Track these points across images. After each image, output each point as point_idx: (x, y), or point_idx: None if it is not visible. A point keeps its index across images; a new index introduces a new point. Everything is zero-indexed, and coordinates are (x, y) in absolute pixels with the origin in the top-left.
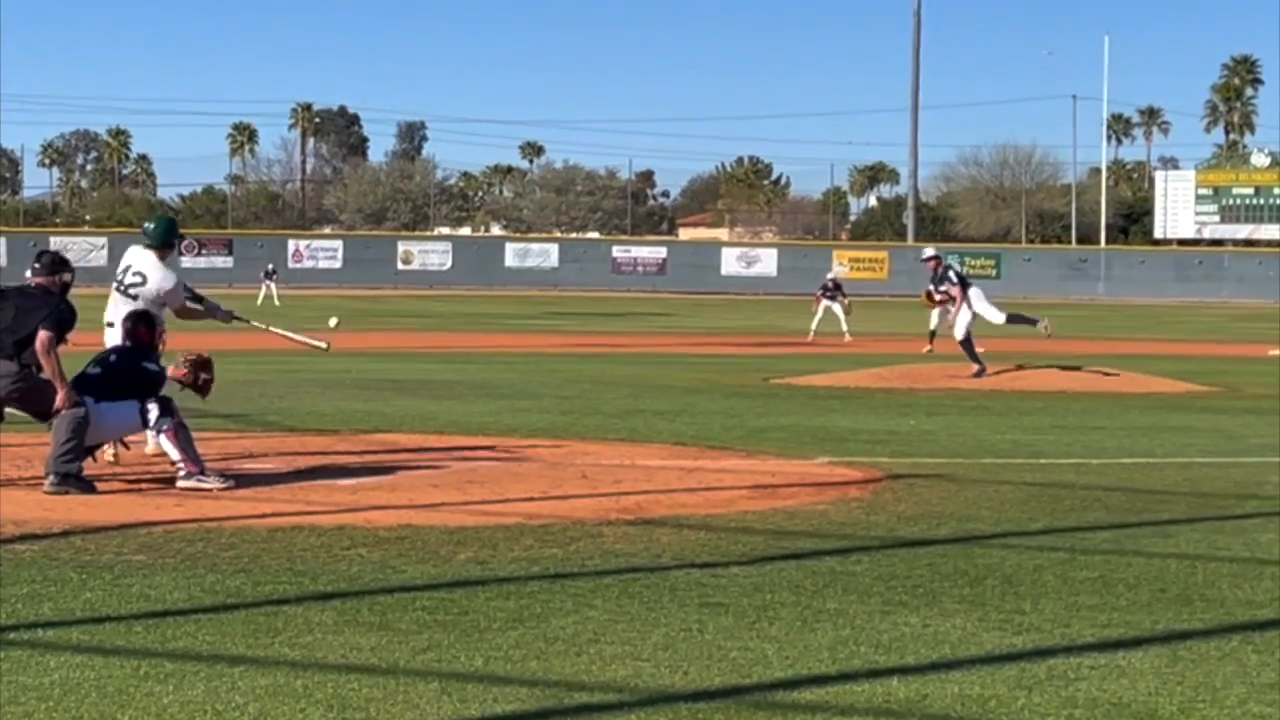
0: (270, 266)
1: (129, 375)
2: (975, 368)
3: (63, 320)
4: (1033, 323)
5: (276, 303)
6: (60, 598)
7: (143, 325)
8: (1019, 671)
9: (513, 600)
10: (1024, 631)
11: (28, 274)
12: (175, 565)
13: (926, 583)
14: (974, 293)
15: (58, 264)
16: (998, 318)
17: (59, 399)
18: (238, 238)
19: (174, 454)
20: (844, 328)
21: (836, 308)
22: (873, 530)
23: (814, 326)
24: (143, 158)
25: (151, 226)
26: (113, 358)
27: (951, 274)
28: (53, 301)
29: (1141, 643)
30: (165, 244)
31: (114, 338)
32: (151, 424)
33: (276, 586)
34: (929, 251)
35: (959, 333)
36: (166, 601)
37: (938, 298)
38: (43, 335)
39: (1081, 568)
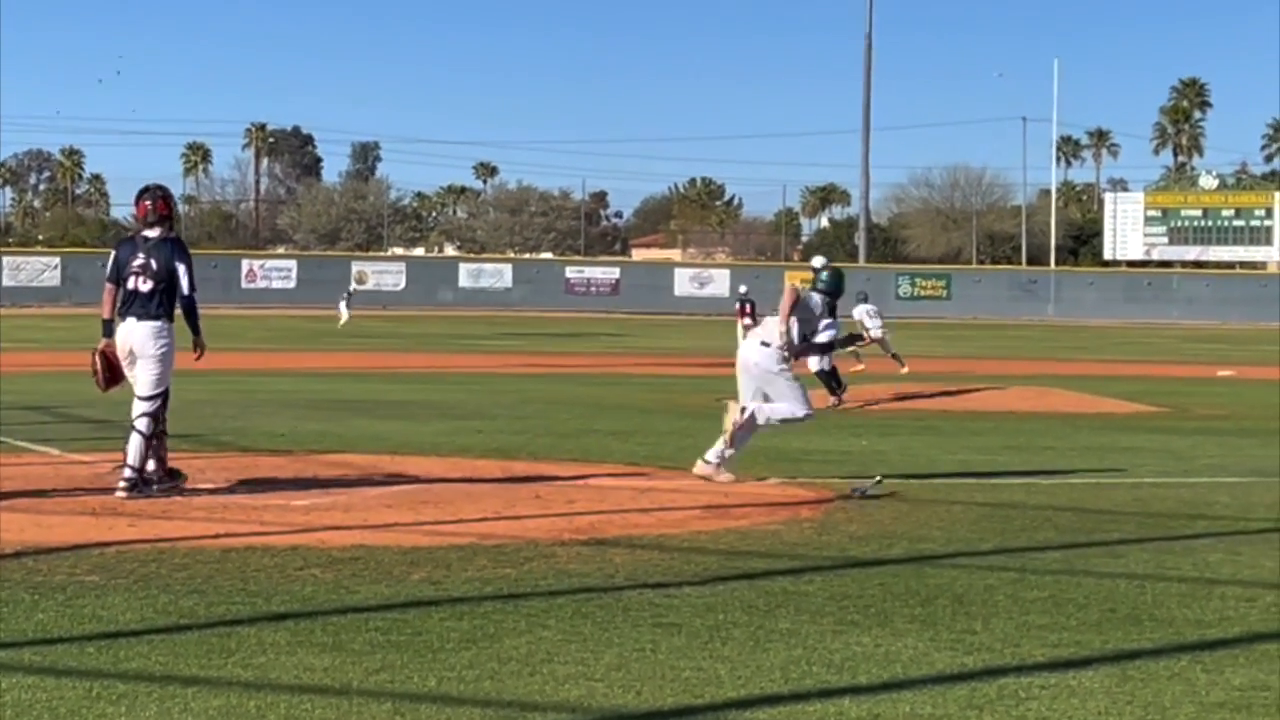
0: (351, 288)
1: None
2: (832, 400)
3: None
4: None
5: (339, 324)
6: (12, 619)
7: None
8: (970, 691)
9: (466, 621)
10: (975, 651)
11: None
12: (128, 586)
13: (878, 602)
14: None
15: None
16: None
17: None
18: (192, 257)
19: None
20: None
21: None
22: (825, 550)
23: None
24: (96, 177)
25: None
26: None
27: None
28: None
29: (1091, 662)
30: None
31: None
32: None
33: (230, 607)
34: (821, 261)
35: (815, 363)
36: (119, 622)
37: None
38: None
39: (1032, 587)
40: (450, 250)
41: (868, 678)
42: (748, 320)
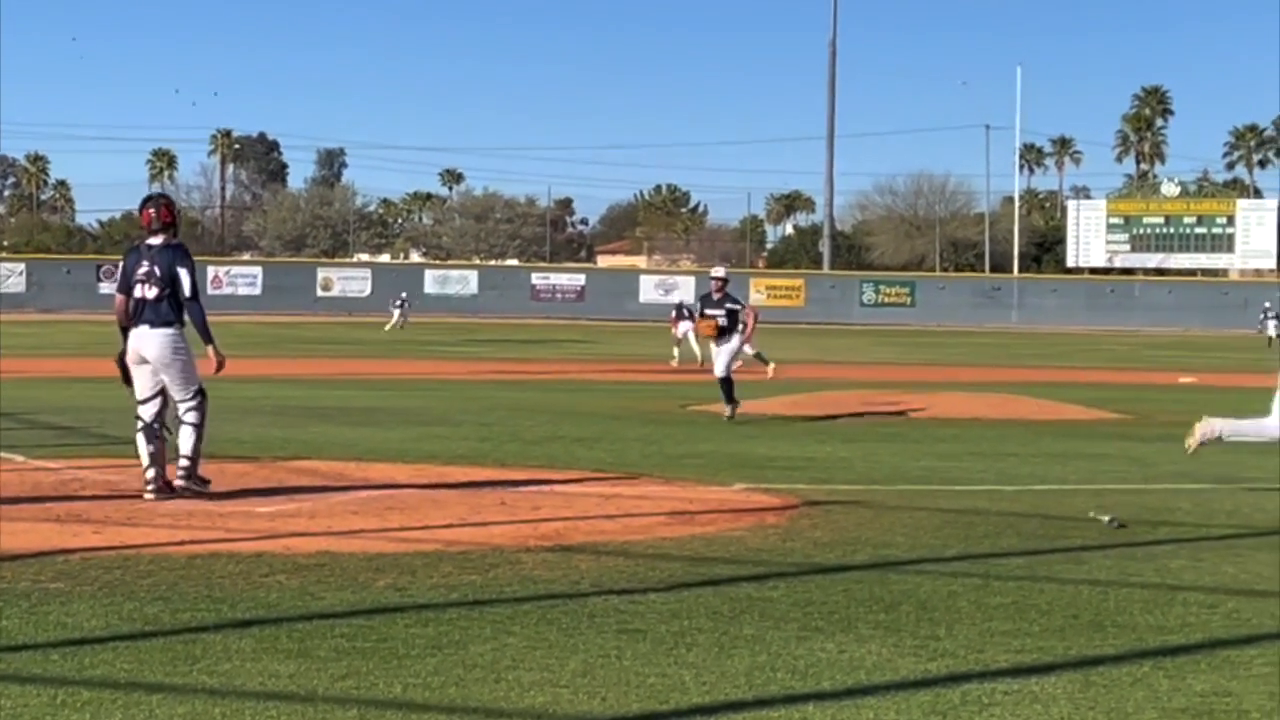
0: (404, 294)
1: None
2: (728, 410)
3: None
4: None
5: (386, 327)
6: None
7: None
8: (934, 697)
9: (431, 627)
10: (939, 657)
11: None
12: (93, 593)
13: (842, 609)
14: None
15: None
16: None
17: None
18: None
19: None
20: (696, 353)
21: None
22: (789, 556)
23: (678, 353)
24: (61, 183)
25: None
26: None
27: (733, 302)
28: None
29: (1055, 668)
30: None
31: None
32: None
33: (195, 614)
34: (720, 272)
35: (721, 368)
36: (84, 629)
37: (721, 322)
38: None
39: (995, 594)
40: (416, 257)
41: (832, 684)
42: (686, 325)
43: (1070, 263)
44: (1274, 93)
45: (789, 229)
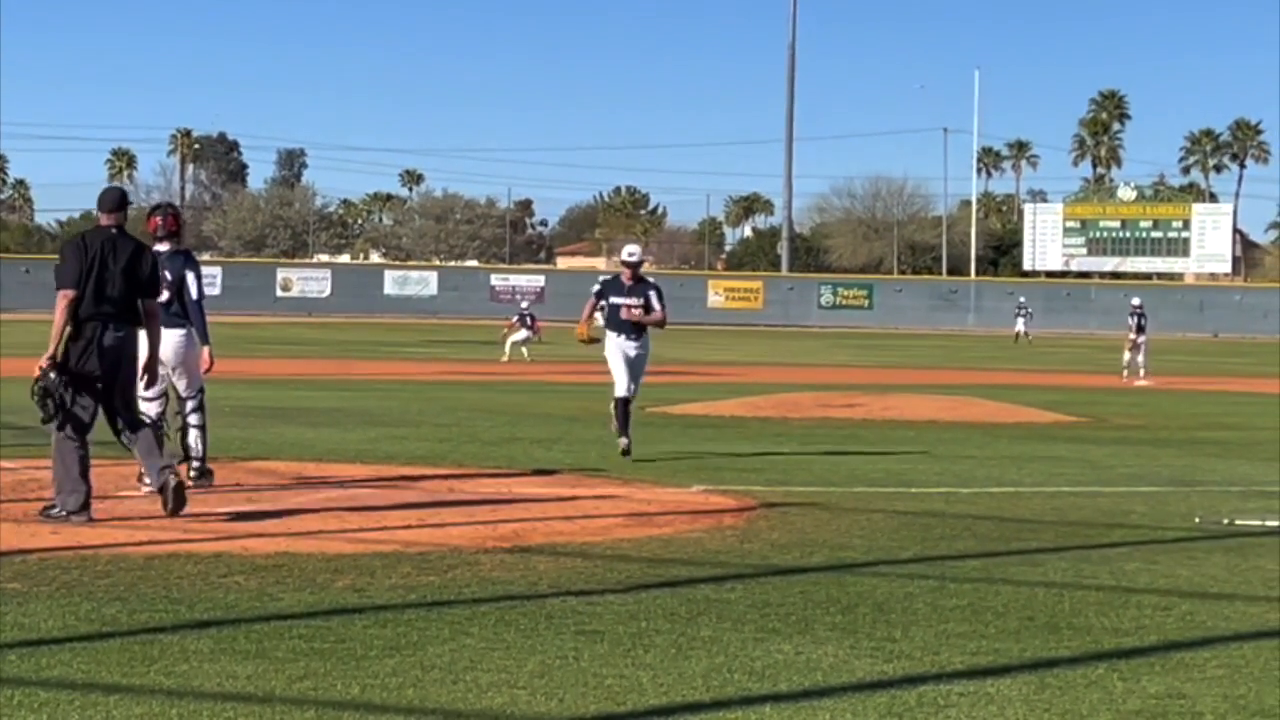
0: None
1: None
2: (624, 442)
3: None
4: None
5: (521, 349)
6: None
7: None
8: (890, 699)
9: (390, 628)
10: (895, 659)
11: None
12: (50, 593)
13: (799, 610)
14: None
15: None
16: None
17: None
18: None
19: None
20: (510, 354)
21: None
22: (747, 558)
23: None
24: (20, 183)
25: None
26: None
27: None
28: None
29: (1010, 670)
30: None
31: None
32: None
33: (152, 615)
34: (635, 251)
35: (632, 385)
36: (41, 630)
37: (637, 313)
38: None
39: (951, 596)
40: (376, 257)
41: (789, 685)
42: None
43: (1027, 266)
44: (1230, 98)
45: (748, 231)
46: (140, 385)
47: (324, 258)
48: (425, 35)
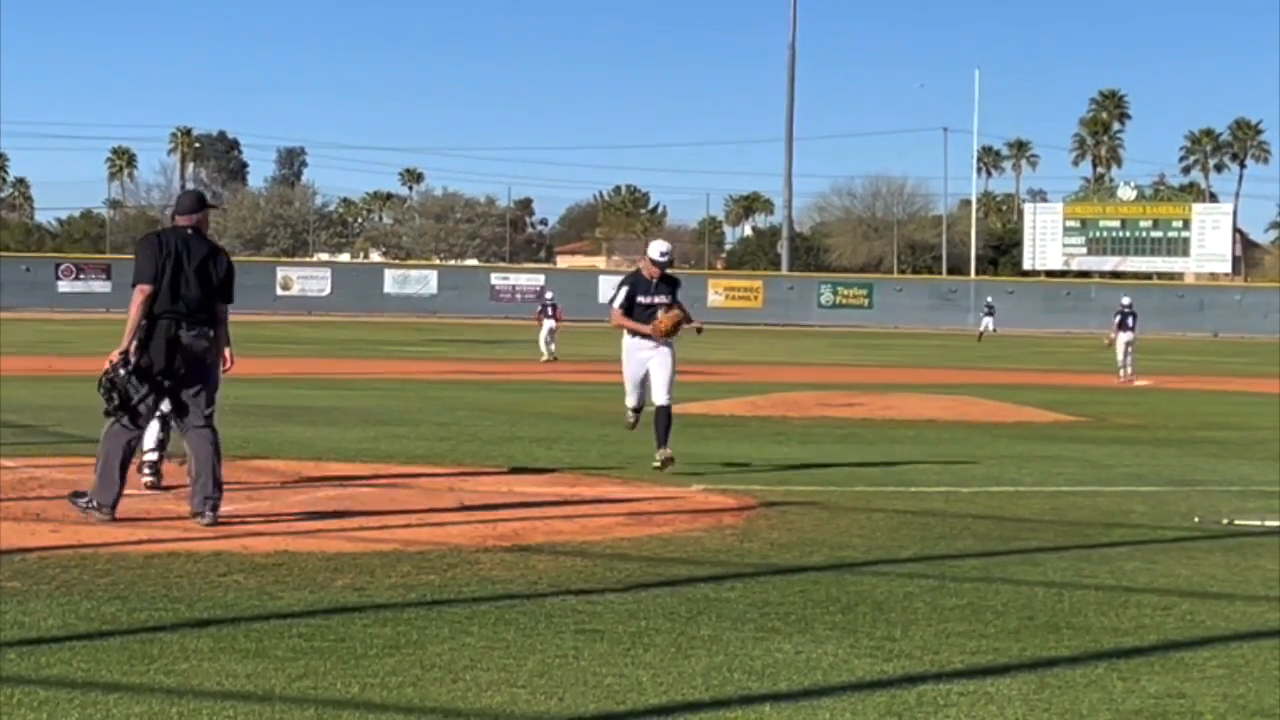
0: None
1: None
2: (663, 453)
3: None
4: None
5: (549, 347)
6: None
7: None
8: (889, 698)
9: (389, 627)
10: (894, 658)
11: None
12: (50, 592)
13: (799, 609)
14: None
15: None
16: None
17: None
18: (116, 262)
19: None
20: (548, 350)
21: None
22: (746, 557)
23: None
24: (20, 181)
25: None
26: None
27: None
28: None
29: (1009, 670)
30: None
31: None
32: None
33: (152, 613)
34: (664, 250)
35: (670, 392)
36: (40, 629)
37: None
38: None
39: (951, 595)
40: (376, 256)
41: (788, 684)
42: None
43: (1027, 265)
44: (1230, 97)
45: (748, 230)
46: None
47: (324, 257)
48: (425, 34)
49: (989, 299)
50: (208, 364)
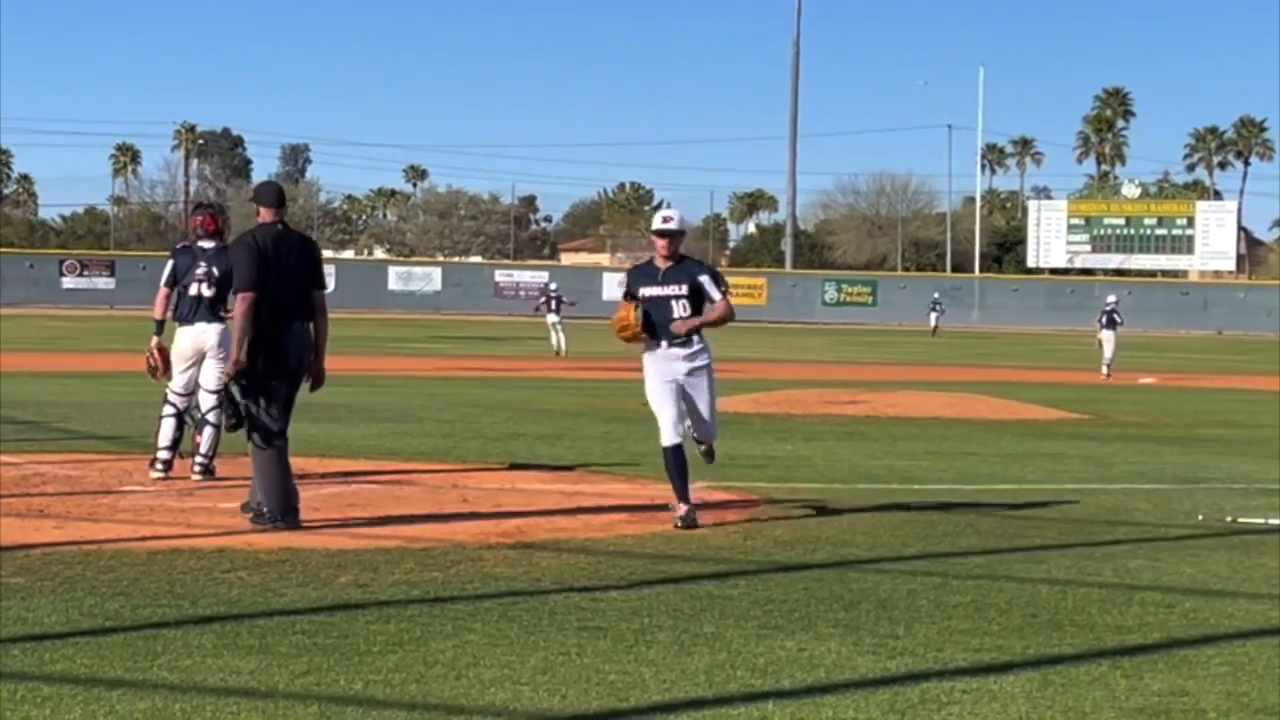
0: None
1: None
2: (684, 509)
3: None
4: None
5: (561, 345)
6: None
7: None
8: (893, 695)
9: (392, 624)
10: (898, 655)
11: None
12: (53, 588)
13: (802, 607)
14: None
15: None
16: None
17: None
18: (120, 259)
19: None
20: (561, 346)
21: (554, 319)
22: (750, 555)
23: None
24: (24, 178)
25: None
26: None
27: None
28: None
29: (1013, 667)
30: None
31: None
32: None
33: (155, 610)
34: (673, 217)
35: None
36: (44, 625)
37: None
38: None
39: (954, 592)
40: (380, 253)
41: (791, 682)
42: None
43: (1031, 263)
44: (1234, 95)
45: (751, 228)
46: (182, 377)
47: (328, 253)
48: (429, 31)
49: (935, 294)
50: (306, 364)
